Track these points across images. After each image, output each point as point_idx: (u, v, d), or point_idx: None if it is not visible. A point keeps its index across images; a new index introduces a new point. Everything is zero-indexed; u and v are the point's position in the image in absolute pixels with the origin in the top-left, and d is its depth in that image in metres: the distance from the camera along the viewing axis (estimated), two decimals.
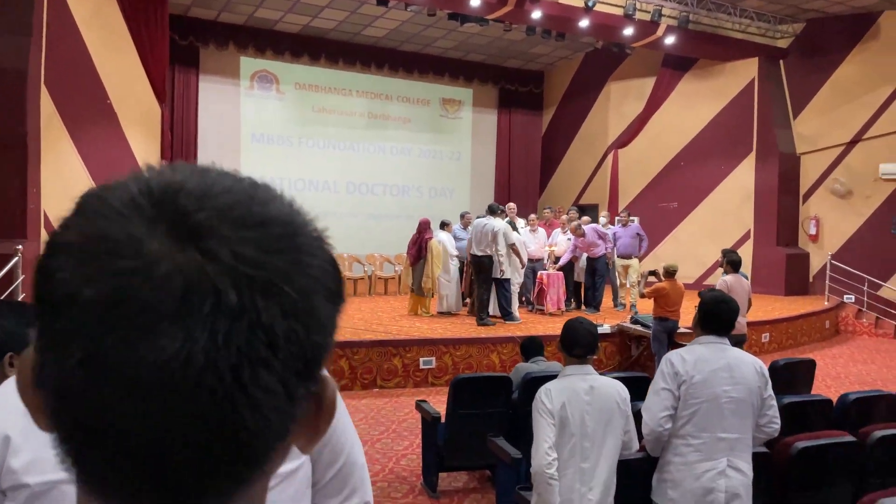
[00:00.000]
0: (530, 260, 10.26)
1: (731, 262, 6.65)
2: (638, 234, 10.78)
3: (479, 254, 8.83)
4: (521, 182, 17.79)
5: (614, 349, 8.43)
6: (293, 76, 15.01)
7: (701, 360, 2.74)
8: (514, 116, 17.75)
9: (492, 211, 9.19)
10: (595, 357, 2.87)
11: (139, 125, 11.34)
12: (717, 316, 2.81)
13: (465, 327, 8.69)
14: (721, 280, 6.66)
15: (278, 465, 0.43)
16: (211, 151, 14.12)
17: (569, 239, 10.54)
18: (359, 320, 9.05)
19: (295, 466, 0.96)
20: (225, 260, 0.37)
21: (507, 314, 9.08)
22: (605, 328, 8.34)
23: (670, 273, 7.15)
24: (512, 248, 9.07)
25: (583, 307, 10.72)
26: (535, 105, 18.07)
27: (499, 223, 8.98)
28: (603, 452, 2.69)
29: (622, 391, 2.78)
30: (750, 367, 2.77)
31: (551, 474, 2.57)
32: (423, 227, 10.12)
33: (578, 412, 2.69)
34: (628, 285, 10.58)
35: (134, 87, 11.24)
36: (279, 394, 0.38)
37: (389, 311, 10.13)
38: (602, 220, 11.15)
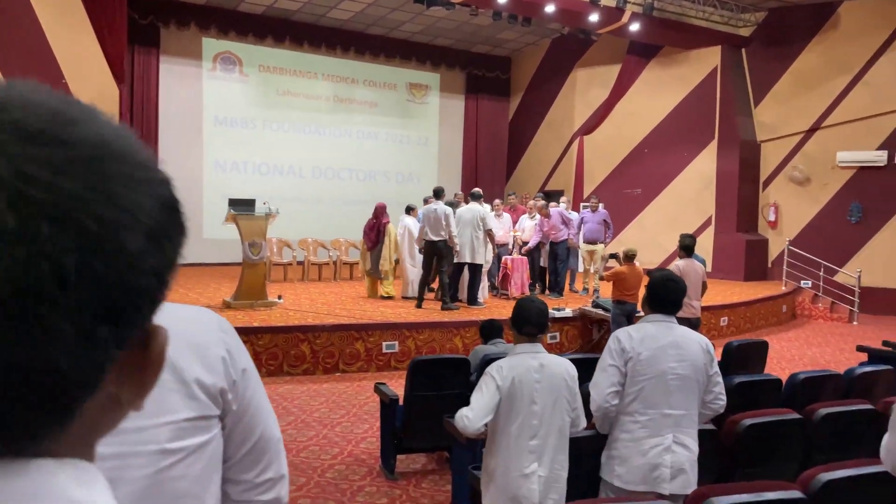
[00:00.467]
0: (498, 245, 10.32)
1: (683, 246, 6.73)
2: (605, 220, 10.88)
3: (436, 239, 8.82)
4: (489, 168, 17.82)
5: (576, 333, 8.51)
6: (257, 58, 14.76)
7: (648, 337, 2.77)
8: (482, 102, 17.73)
9: (474, 197, 9.25)
10: (545, 336, 2.88)
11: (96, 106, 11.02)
12: (665, 294, 2.83)
13: (429, 312, 8.68)
14: (674, 264, 6.75)
15: (110, 421, 0.40)
16: (172, 134, 13.84)
17: (535, 224, 10.60)
18: (322, 305, 8.99)
19: (203, 440, 0.94)
20: (5, 178, 0.33)
21: (473, 300, 9.11)
22: (566, 312, 8.43)
23: (629, 257, 7.22)
24: (488, 234, 9.11)
25: (546, 292, 10.81)
26: (503, 91, 18.06)
27: (478, 208, 9.09)
28: (552, 430, 2.70)
29: (571, 369, 2.79)
30: (696, 344, 2.80)
31: (476, 432, 2.66)
32: (380, 212, 10.16)
33: (528, 389, 2.69)
34: (592, 270, 10.68)
35: (90, 67, 10.95)
36: (68, 335, 0.34)
37: (354, 296, 10.08)
38: (563, 204, 11.20)
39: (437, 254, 8.94)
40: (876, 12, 12.65)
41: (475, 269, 9.08)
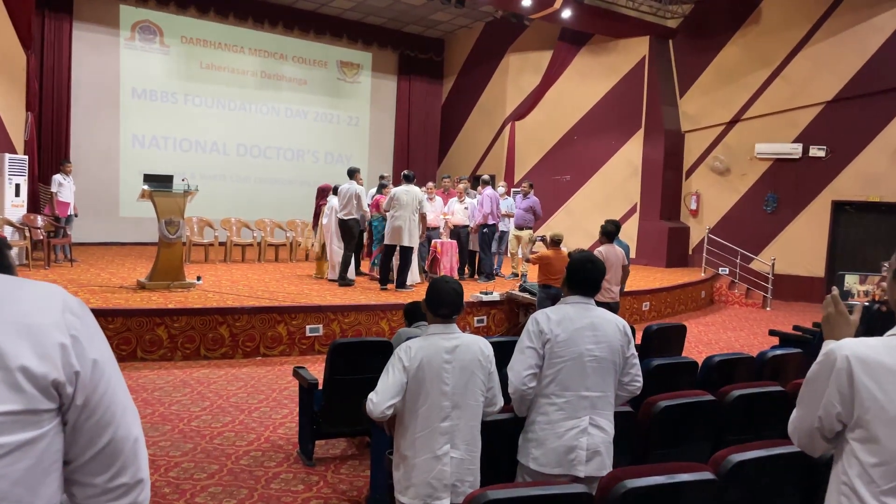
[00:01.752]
0: (428, 229, 10.26)
1: (605, 232, 6.81)
2: (532, 207, 10.93)
3: (345, 217, 9.15)
4: (421, 150, 17.70)
5: (503, 316, 8.54)
6: (179, 29, 14.13)
7: (566, 318, 2.74)
8: (415, 83, 17.56)
9: (409, 179, 9.21)
10: (463, 317, 2.82)
11: (0, 73, 10.33)
12: (584, 275, 2.82)
13: (354, 294, 8.56)
14: (596, 250, 6.83)
15: None
16: (85, 105, 13.12)
17: (465, 208, 10.58)
18: (244, 286, 8.73)
19: (27, 437, 0.80)
20: None
21: (402, 283, 9.04)
22: (494, 296, 8.45)
23: (556, 242, 7.27)
24: (422, 217, 9.06)
25: (476, 276, 10.84)
26: (436, 73, 17.93)
27: (416, 190, 9.06)
28: (465, 411, 2.65)
29: (486, 348, 2.75)
30: (613, 325, 2.80)
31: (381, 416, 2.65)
32: (319, 193, 10.20)
33: (437, 370, 2.63)
34: (520, 255, 10.75)
35: None
36: None
37: (278, 278, 9.84)
38: (500, 188, 11.26)
39: (344, 231, 9.25)
40: (796, 8, 13.14)
41: (407, 251, 9.02)
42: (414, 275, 9.77)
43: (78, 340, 0.85)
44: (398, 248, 9.01)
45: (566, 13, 13.14)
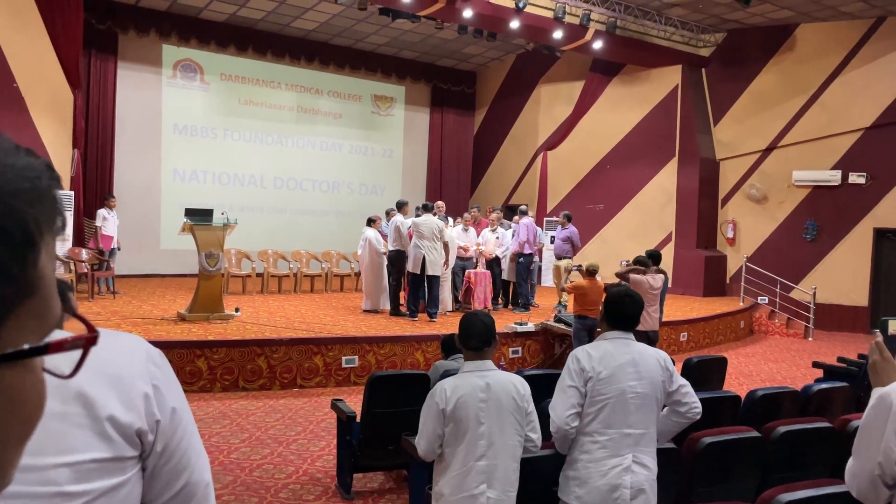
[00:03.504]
0: (462, 259, 10.35)
1: (639, 261, 6.82)
2: (570, 237, 10.91)
3: (392, 248, 9.52)
4: (453, 181, 17.82)
5: (538, 347, 8.49)
6: (219, 66, 14.55)
7: (607, 355, 2.73)
8: (447, 115, 17.75)
9: (426, 209, 9.37)
10: (495, 350, 2.82)
11: (49, 111, 10.74)
12: (622, 310, 2.81)
13: (388, 324, 8.60)
14: (639, 276, 6.79)
15: None
16: (129, 141, 13.53)
17: (497, 238, 10.61)
18: (281, 318, 8.82)
19: (113, 483, 0.84)
20: None
21: (432, 312, 9.11)
22: (529, 327, 8.41)
23: (591, 272, 7.24)
24: (445, 246, 9.18)
25: (510, 306, 10.81)
26: (468, 105, 18.12)
27: (434, 219, 9.24)
28: (500, 451, 2.64)
29: (521, 386, 2.74)
30: (653, 360, 2.78)
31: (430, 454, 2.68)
32: (367, 224, 10.46)
33: (473, 410, 2.63)
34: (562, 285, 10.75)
35: (44, 72, 10.64)
36: None
37: (314, 309, 9.93)
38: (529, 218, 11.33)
39: (392, 264, 9.58)
40: (831, 36, 13.03)
41: (431, 281, 9.11)
42: (445, 304, 9.82)
43: (159, 390, 0.89)
44: (424, 277, 9.12)
45: (597, 44, 13.22)
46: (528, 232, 10.34)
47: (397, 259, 9.47)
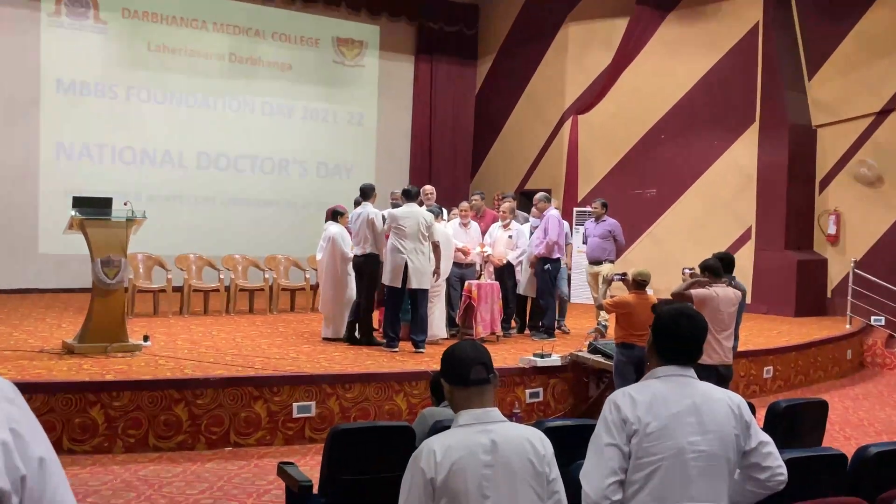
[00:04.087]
0: (460, 265, 10.38)
1: (707, 267, 6.81)
2: (611, 232, 10.95)
3: (360, 253, 9.48)
4: (448, 158, 17.88)
5: (566, 388, 8.49)
6: (119, 0, 14.54)
7: (657, 400, 2.72)
8: (439, 67, 17.80)
9: (408, 196, 9.37)
10: (494, 388, 2.82)
11: None
12: (677, 337, 2.81)
13: (359, 358, 8.60)
14: (704, 288, 6.78)
15: None
16: None
17: (510, 236, 10.63)
18: (208, 349, 8.80)
19: None
20: None
21: (416, 342, 9.14)
22: (554, 359, 8.42)
23: (639, 284, 7.23)
24: (434, 247, 9.23)
25: (528, 330, 10.82)
26: (467, 52, 18.17)
27: (420, 211, 9.25)
28: None
29: (540, 445, 2.71)
30: (724, 406, 2.77)
31: None
32: (330, 216, 10.46)
33: (474, 481, 2.58)
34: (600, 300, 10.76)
35: None
36: None
37: (254, 337, 9.92)
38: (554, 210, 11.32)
39: (359, 273, 9.55)
40: None
41: (418, 297, 9.11)
42: (438, 328, 9.85)
43: (20, 436, 0.88)
44: (407, 291, 9.13)
45: None
46: (560, 226, 10.38)
47: (368, 266, 9.46)
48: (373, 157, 17.26)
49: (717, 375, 6.35)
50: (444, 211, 10.92)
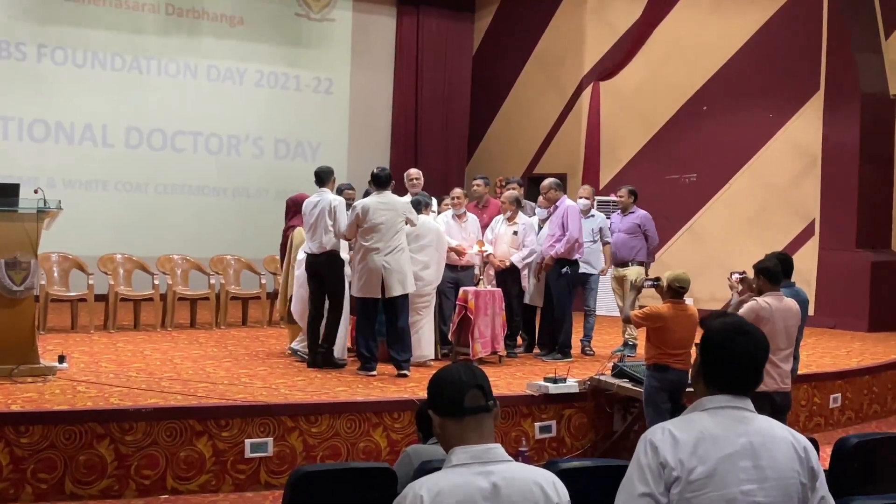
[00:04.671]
0: (455, 268, 10.39)
1: (763, 270, 6.78)
2: (640, 226, 10.94)
3: (317, 251, 9.33)
4: (438, 134, 17.83)
5: (585, 420, 8.48)
6: None
7: (705, 439, 2.70)
8: (426, 21, 17.78)
9: (378, 182, 9.33)
10: (494, 419, 2.81)
11: None
12: (732, 359, 2.79)
13: (327, 383, 8.60)
14: (752, 301, 6.77)
15: None
16: None
17: (515, 232, 10.57)
18: (139, 372, 8.79)
19: None
20: None
21: (397, 362, 9.12)
22: (569, 385, 8.41)
23: (676, 291, 7.21)
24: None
25: (537, 349, 10.83)
26: (463, 1, 18.12)
27: (396, 199, 9.21)
28: None
29: (553, 491, 2.68)
30: (786, 448, 2.76)
31: None
32: (290, 209, 10.50)
33: None
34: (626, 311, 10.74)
35: None
36: None
37: (197, 358, 9.90)
38: (582, 201, 11.27)
39: (317, 276, 9.41)
40: None
41: (397, 306, 9.10)
42: (426, 347, 9.86)
43: None
44: (382, 302, 9.13)
45: None
46: (574, 220, 10.32)
47: (329, 268, 9.41)
48: (345, 133, 17.23)
49: (772, 405, 6.35)
50: (434, 201, 10.90)
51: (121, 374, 8.65)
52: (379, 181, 9.32)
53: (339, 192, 9.97)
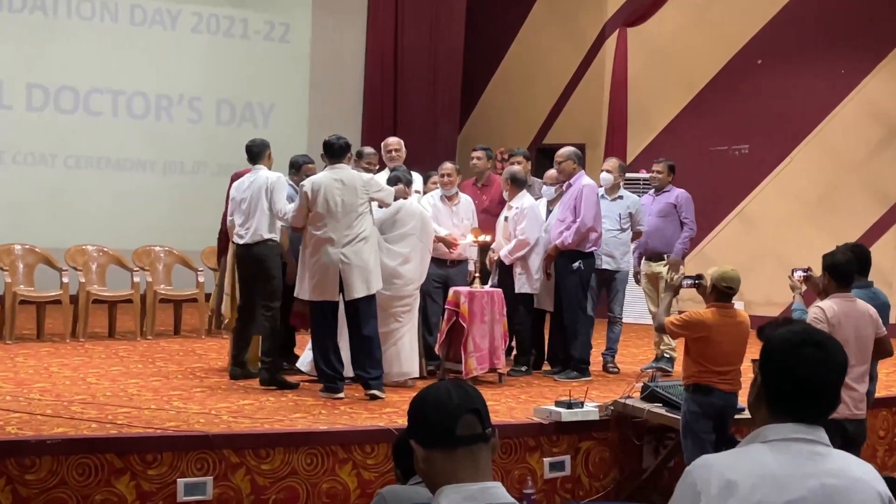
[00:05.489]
0: (443, 263, 10.43)
1: (832, 266, 6.76)
2: (677, 208, 10.93)
3: (251, 242, 9.43)
4: (423, 95, 17.89)
5: (607, 455, 8.50)
6: None
7: (766, 481, 2.68)
8: None
9: (331, 151, 9.34)
10: (492, 453, 2.80)
11: None
12: (802, 378, 2.79)
13: (282, 408, 8.61)
14: (814, 306, 6.78)
15: None
16: None
17: (506, 218, 10.55)
18: (42, 393, 8.81)
19: None
20: None
21: (367, 380, 9.09)
22: (587, 411, 8.41)
23: (722, 292, 7.21)
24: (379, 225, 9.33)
25: (546, 365, 10.87)
26: None
27: (354, 174, 9.22)
28: None
29: None
30: (867, 492, 2.76)
31: None
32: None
33: None
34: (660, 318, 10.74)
35: None
36: None
37: (115, 375, 9.92)
38: (606, 176, 11.25)
39: (249, 272, 9.54)
40: None
41: (361, 310, 9.09)
42: (408, 362, 9.86)
43: None
44: (341, 305, 9.15)
45: None
46: (591, 203, 10.29)
47: (264, 260, 9.47)
48: (304, 93, 17.24)
49: (843, 436, 6.34)
50: (419, 178, 10.90)
51: (20, 396, 8.64)
52: (332, 151, 9.30)
53: (298, 167, 10.03)
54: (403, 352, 9.80)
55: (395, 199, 9.53)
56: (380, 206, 9.35)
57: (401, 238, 9.65)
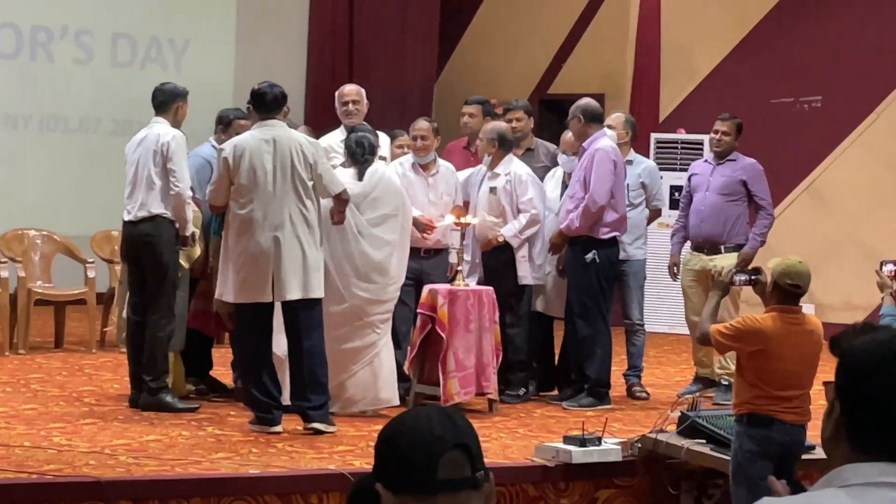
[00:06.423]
0: (416, 252, 10.39)
1: None
2: (745, 184, 10.97)
3: (138, 218, 9.54)
4: (388, 30, 17.96)
5: (635, 502, 8.54)
6: None
7: None
8: None
9: (261, 103, 9.35)
10: (489, 496, 2.80)
11: None
12: (889, 404, 2.77)
13: (202, 443, 8.64)
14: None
15: None
16: None
17: (493, 189, 10.56)
18: None
19: None
20: None
21: (308, 407, 9.07)
22: (608, 449, 8.44)
23: (787, 291, 7.22)
24: (338, 202, 9.26)
25: (555, 391, 10.88)
26: None
27: (292, 133, 9.26)
28: None
29: None
30: None
31: None
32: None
33: None
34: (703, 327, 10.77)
35: None
36: None
37: (21, 396, 9.91)
38: (608, 134, 11.30)
39: (136, 257, 9.70)
40: None
41: (301, 315, 9.10)
42: (385, 387, 9.85)
43: None
44: (272, 307, 9.17)
45: None
46: (609, 176, 10.29)
47: (155, 244, 9.51)
48: (231, 27, 17.32)
49: None
50: (386, 139, 10.90)
51: None
52: (262, 102, 9.29)
53: (228, 122, 10.10)
54: (382, 372, 9.82)
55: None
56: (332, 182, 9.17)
57: (382, 221, 9.63)
